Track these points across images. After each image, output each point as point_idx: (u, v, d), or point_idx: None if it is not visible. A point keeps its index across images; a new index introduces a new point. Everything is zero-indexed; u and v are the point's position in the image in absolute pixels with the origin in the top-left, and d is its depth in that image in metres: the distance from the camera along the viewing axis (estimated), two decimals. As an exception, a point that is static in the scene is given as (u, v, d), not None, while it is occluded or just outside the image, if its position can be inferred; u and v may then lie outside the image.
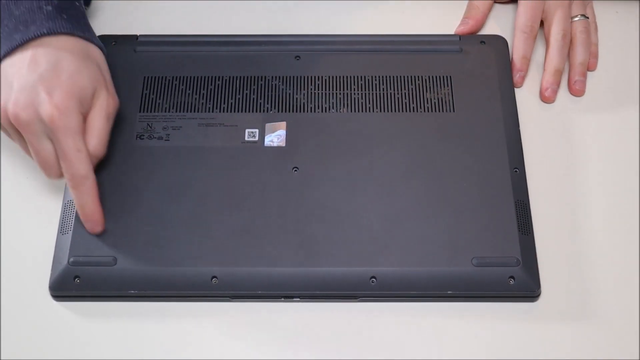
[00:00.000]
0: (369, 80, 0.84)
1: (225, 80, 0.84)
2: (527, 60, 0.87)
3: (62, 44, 0.74)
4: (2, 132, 0.76)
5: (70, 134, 0.72)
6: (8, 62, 0.73)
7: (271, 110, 0.82)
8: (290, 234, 0.75)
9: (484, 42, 0.87)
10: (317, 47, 0.86)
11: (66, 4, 0.75)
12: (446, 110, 0.82)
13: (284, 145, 0.80)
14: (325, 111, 0.82)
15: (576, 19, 0.88)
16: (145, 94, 0.83)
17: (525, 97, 0.86)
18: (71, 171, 0.72)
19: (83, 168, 0.72)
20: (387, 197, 0.76)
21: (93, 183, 0.73)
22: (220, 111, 0.82)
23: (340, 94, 0.83)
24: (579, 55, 0.87)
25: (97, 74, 0.75)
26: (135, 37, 0.87)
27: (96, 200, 0.74)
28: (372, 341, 0.73)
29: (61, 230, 0.76)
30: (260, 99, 0.83)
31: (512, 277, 0.73)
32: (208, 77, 0.84)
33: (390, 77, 0.84)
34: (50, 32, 0.73)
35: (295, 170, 0.78)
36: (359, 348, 0.72)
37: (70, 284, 0.73)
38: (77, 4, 0.77)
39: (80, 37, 0.75)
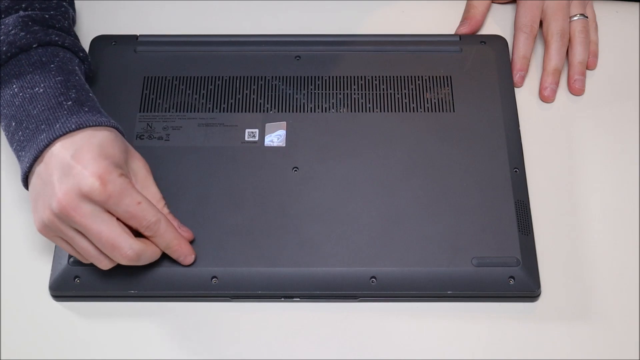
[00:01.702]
0: (369, 80, 0.84)
1: (225, 80, 0.84)
2: (527, 60, 0.87)
3: (86, 134, 0.70)
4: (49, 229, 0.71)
5: (124, 194, 0.68)
6: (40, 168, 0.70)
7: (271, 110, 0.82)
8: (290, 234, 0.75)
9: (484, 42, 0.87)
10: (317, 47, 0.86)
11: (82, 95, 0.73)
12: (446, 110, 0.82)
13: (284, 145, 0.80)
14: (325, 111, 0.82)
15: (575, 18, 0.88)
16: (145, 94, 0.83)
17: (525, 97, 0.86)
18: (143, 224, 0.70)
19: (151, 215, 0.70)
20: (387, 197, 0.77)
21: (166, 221, 0.71)
22: (220, 111, 0.82)
23: (340, 94, 0.83)
24: (578, 54, 0.87)
25: (123, 143, 0.72)
26: (135, 37, 0.87)
27: (177, 234, 0.72)
28: (372, 341, 0.73)
29: (61, 230, 0.76)
30: (260, 99, 0.83)
31: (512, 277, 0.73)
32: (208, 77, 0.84)
33: (390, 77, 0.84)
34: (78, 128, 0.70)
35: (295, 170, 0.78)
36: (359, 348, 0.72)
37: (70, 284, 0.74)
38: (90, 94, 0.74)
39: (105, 125, 0.72)
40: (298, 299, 0.74)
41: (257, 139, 0.80)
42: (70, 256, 0.74)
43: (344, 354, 0.72)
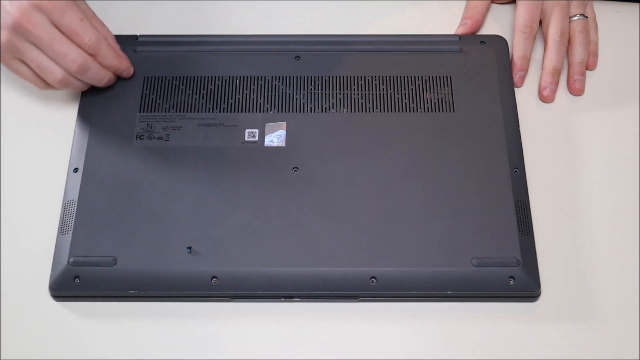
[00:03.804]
0: (369, 80, 0.84)
1: (225, 80, 0.84)
2: (527, 59, 0.87)
3: None
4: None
5: (68, 8, 0.75)
6: None
7: (271, 110, 0.82)
8: (290, 234, 0.75)
9: (484, 42, 0.87)
10: (317, 47, 0.86)
11: None
12: (446, 110, 0.82)
13: (284, 145, 0.80)
14: (325, 111, 0.82)
15: (575, 18, 0.88)
16: (145, 94, 0.83)
17: (525, 97, 0.86)
18: (85, 41, 0.76)
19: (92, 33, 0.77)
20: (387, 197, 0.76)
21: (106, 43, 0.78)
22: (220, 111, 0.82)
23: (340, 94, 0.83)
24: (578, 54, 0.87)
25: None
26: (135, 37, 0.87)
27: (117, 53, 0.81)
28: (372, 341, 0.73)
29: (61, 230, 0.76)
30: (260, 99, 0.83)
31: (512, 277, 0.73)
32: (208, 77, 0.84)
33: (390, 77, 0.84)
34: None
35: (295, 170, 0.78)
36: (359, 348, 0.72)
37: (70, 284, 0.73)
38: None
39: None
40: (298, 299, 0.74)
41: (257, 139, 0.80)
42: (70, 256, 0.74)
43: (344, 354, 0.72)
